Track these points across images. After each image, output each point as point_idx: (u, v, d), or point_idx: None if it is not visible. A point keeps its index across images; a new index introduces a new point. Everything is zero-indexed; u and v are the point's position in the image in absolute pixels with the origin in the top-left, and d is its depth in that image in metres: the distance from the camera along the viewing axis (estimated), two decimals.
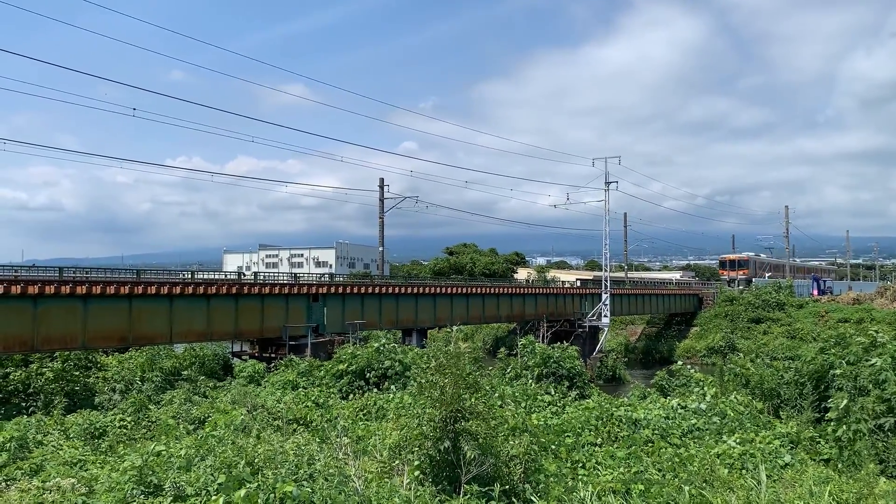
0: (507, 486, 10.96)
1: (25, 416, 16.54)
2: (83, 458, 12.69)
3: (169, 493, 9.58)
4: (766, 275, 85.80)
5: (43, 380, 23.50)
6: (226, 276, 33.17)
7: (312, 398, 18.41)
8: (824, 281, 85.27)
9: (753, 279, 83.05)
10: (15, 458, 12.27)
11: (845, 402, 16.21)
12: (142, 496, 9.63)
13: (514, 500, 10.57)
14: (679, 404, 18.11)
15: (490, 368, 25.33)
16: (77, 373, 24.81)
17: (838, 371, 18.80)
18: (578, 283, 67.38)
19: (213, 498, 8.72)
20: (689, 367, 25.24)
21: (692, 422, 16.40)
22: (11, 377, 23.40)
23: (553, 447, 13.82)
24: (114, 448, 14.31)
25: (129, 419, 17.28)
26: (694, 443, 15.06)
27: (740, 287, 79.15)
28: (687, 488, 10.60)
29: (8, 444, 12.54)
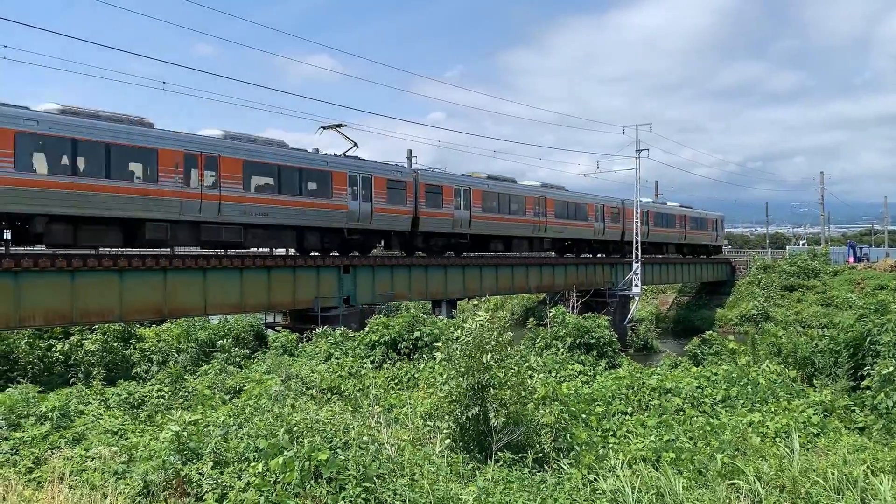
0: (538, 454, 11.06)
1: (67, 387, 16.98)
2: (123, 427, 13.02)
3: (209, 460, 9.81)
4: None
5: (83, 352, 24.12)
6: (257, 248, 33.53)
7: (345, 368, 18.65)
8: (861, 247, 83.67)
9: None
10: (58, 427, 12.64)
11: (891, 368, 15.95)
12: (180, 463, 9.89)
13: (545, 467, 10.67)
14: (712, 372, 18.02)
15: (520, 340, 25.40)
16: (116, 345, 25.43)
17: (886, 338, 18.48)
18: None
19: (252, 465, 8.95)
20: (721, 335, 25.06)
21: (724, 390, 16.31)
22: (54, 349, 24.06)
23: (583, 416, 13.87)
24: (152, 417, 14.66)
25: (166, 389, 17.67)
26: (726, 411, 15.00)
27: None
28: (719, 456, 10.59)
29: (51, 414, 12.92)
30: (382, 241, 36.15)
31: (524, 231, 43.80)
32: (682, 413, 14.89)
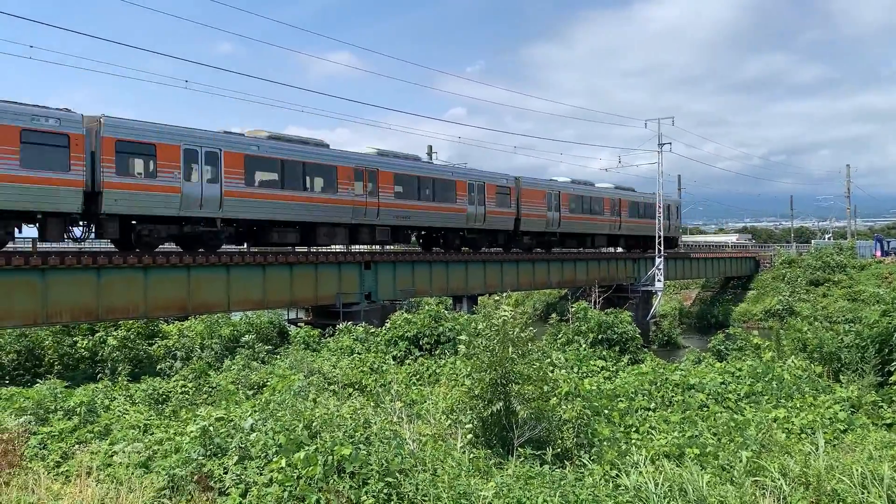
0: (560, 450, 11.03)
1: (93, 383, 17.20)
2: (148, 422, 13.15)
3: (233, 454, 9.89)
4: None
5: (108, 348, 24.38)
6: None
7: (367, 363, 18.72)
8: (888, 241, 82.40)
9: None
10: (84, 422, 12.80)
11: None
12: (203, 458, 9.98)
13: (566, 463, 10.63)
14: (736, 368, 17.84)
15: (542, 335, 25.33)
16: (140, 341, 25.69)
17: None
18: None
19: (275, 460, 9.01)
20: (745, 330, 24.80)
21: (748, 386, 16.14)
22: (79, 345, 24.38)
23: (606, 412, 13.81)
24: (176, 413, 14.79)
25: (190, 385, 17.83)
26: (750, 407, 14.85)
27: None
28: (744, 453, 10.49)
29: (78, 409, 13.09)
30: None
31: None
32: (705, 409, 14.77)
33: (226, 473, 9.21)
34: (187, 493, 8.98)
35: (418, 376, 18.22)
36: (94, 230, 23.42)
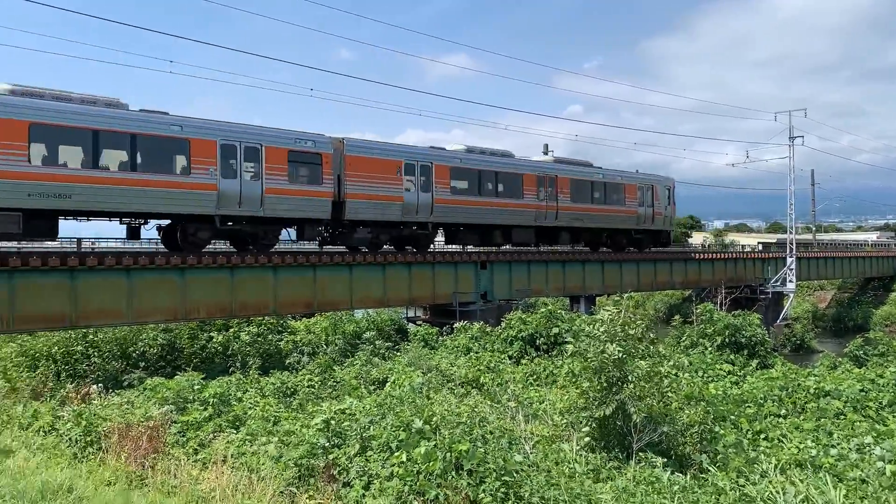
0: (682, 455, 10.71)
1: (226, 376, 18.19)
2: (277, 414, 13.79)
3: (354, 446, 10.23)
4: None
5: (240, 343, 25.79)
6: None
7: (484, 362, 18.84)
8: None
9: None
10: (219, 413, 13.59)
11: None
12: (328, 447, 10.36)
13: (689, 469, 10.31)
14: (877, 375, 16.65)
15: (664, 338, 24.62)
16: (270, 336, 26.99)
17: None
18: (760, 247, 63.35)
19: (396, 454, 9.25)
20: (888, 335, 23.09)
21: (892, 394, 15.03)
22: (214, 340, 25.91)
23: (732, 418, 13.26)
24: (303, 406, 15.41)
25: (316, 379, 18.56)
26: (893, 417, 13.83)
27: None
28: (888, 466, 9.80)
29: (212, 400, 13.93)
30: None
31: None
32: (842, 417, 13.88)
33: (350, 464, 9.54)
34: (314, 484, 9.38)
35: (535, 376, 18.16)
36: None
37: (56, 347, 22.50)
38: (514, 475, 8.70)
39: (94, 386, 15.65)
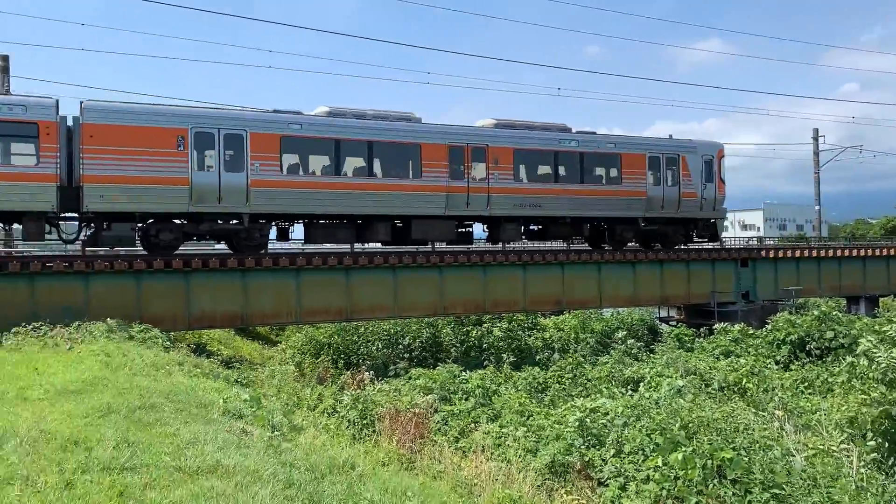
0: None
1: (480, 369, 19.05)
2: (530, 409, 14.17)
3: (610, 447, 10.22)
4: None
5: (493, 338, 26.91)
6: None
7: (746, 367, 17.72)
8: None
9: None
10: (478, 405, 14.31)
11: None
12: (583, 447, 10.45)
13: None
14: None
15: None
16: (521, 333, 27.81)
17: None
18: None
19: (651, 458, 9.09)
20: None
21: None
22: (470, 335, 27.30)
23: None
24: (554, 402, 15.66)
25: (566, 377, 18.76)
26: None
27: None
28: None
29: (475, 392, 14.71)
30: None
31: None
32: None
33: (605, 464, 9.55)
34: (569, 480, 9.52)
35: (806, 384, 16.70)
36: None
37: (335, 338, 25.18)
38: (784, 489, 8.12)
39: (367, 373, 17.22)
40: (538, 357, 25.39)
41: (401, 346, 25.69)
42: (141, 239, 20.50)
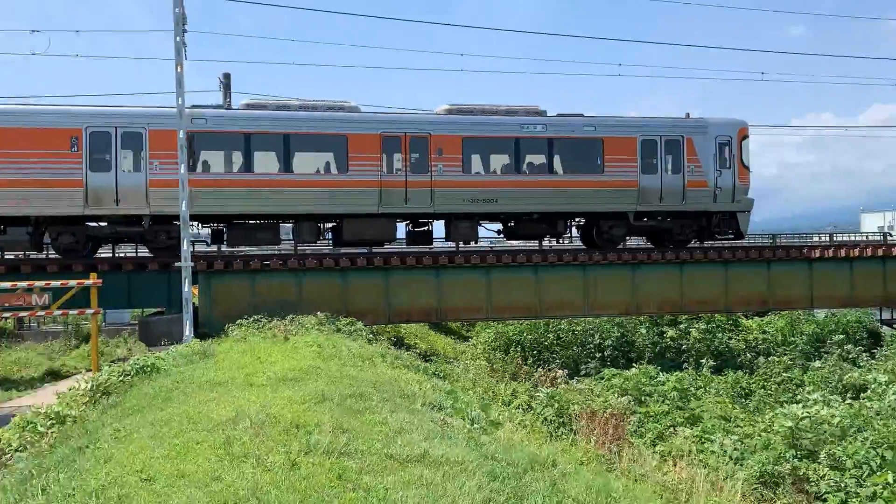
0: None
1: (677, 371, 18.36)
2: (734, 415, 13.45)
3: (825, 463, 9.48)
4: None
5: (691, 339, 25.77)
6: (866, 237, 31.04)
7: None
8: None
9: None
10: (676, 408, 13.80)
11: None
12: (795, 459, 9.77)
13: None
14: None
15: None
16: (720, 334, 26.39)
17: None
18: None
19: (879, 474, 8.30)
20: None
21: None
22: (666, 335, 26.34)
23: None
24: (760, 409, 14.76)
25: (773, 382, 17.59)
26: None
27: None
28: None
29: (671, 394, 14.20)
30: None
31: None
32: None
33: (822, 479, 8.86)
34: (782, 492, 8.93)
35: None
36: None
37: (524, 334, 25.40)
38: None
39: (560, 371, 17.19)
40: (740, 360, 23.99)
41: (591, 346, 25.37)
42: (51, 243, 20.25)
